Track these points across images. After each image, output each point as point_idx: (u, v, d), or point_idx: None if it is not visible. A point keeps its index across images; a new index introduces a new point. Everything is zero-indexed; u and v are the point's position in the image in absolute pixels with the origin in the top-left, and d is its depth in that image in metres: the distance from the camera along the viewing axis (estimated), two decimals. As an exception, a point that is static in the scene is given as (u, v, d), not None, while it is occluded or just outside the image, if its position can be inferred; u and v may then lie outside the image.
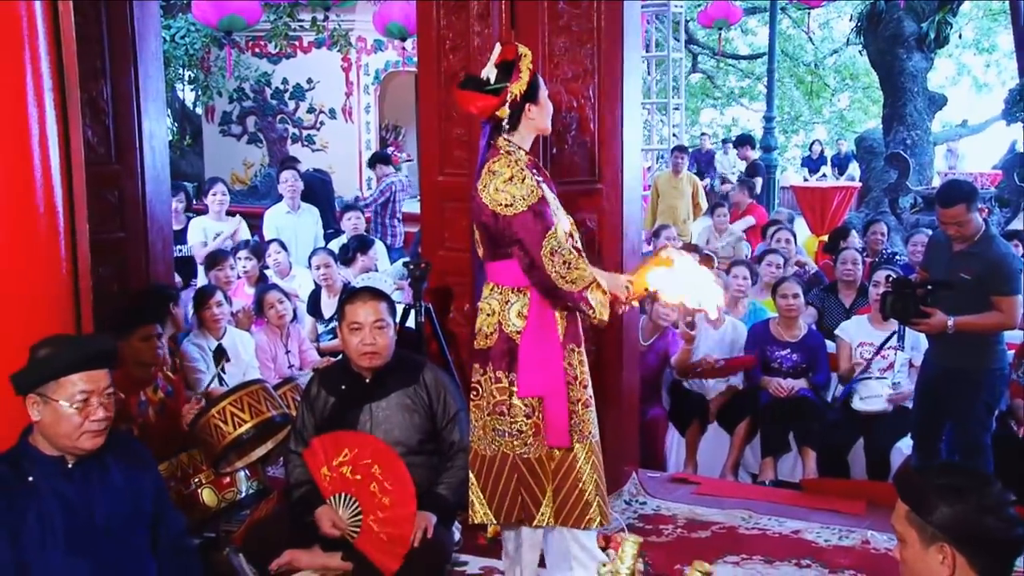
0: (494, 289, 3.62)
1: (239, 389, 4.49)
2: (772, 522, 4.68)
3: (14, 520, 2.77)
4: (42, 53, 3.08)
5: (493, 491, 3.65)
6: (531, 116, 3.59)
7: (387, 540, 3.71)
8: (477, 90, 3.56)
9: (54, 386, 2.79)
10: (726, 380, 6.08)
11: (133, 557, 2.96)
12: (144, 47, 5.39)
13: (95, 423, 2.82)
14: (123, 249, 5.36)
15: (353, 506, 3.78)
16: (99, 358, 2.88)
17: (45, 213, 3.10)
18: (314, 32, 13.62)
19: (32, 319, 3.06)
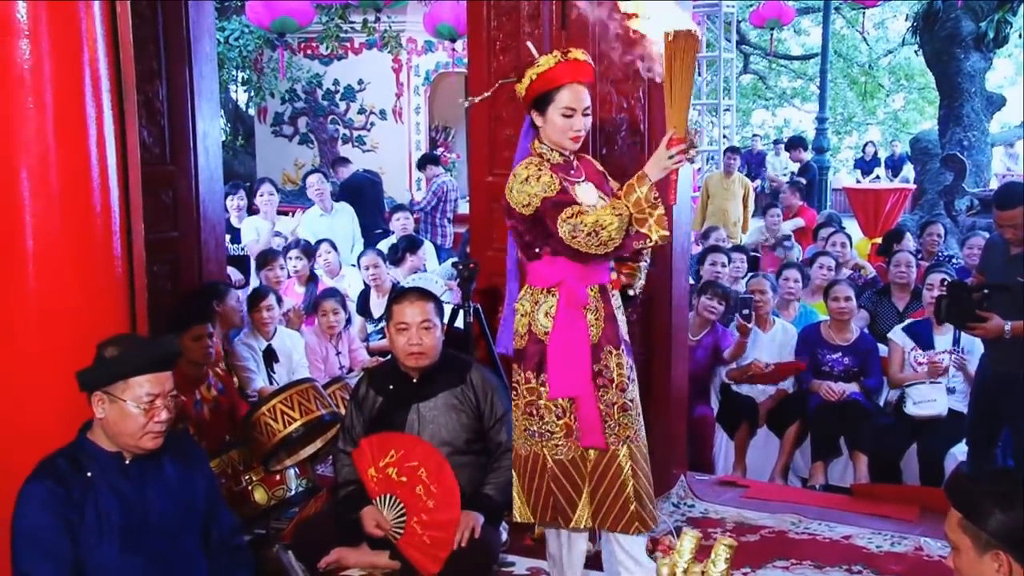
0: (527, 290, 3.62)
1: (289, 387, 4.54)
2: (822, 527, 4.64)
3: (72, 513, 2.82)
4: (100, 54, 3.13)
5: (529, 490, 3.64)
6: (539, 124, 3.57)
7: (429, 543, 3.73)
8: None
9: (122, 386, 2.83)
10: (776, 384, 6.04)
11: (186, 554, 3.00)
12: (199, 49, 5.45)
13: (158, 424, 2.86)
14: (176, 248, 5.43)
15: (398, 507, 3.81)
16: (165, 361, 2.93)
17: (102, 212, 3.14)
18: (365, 33, 13.70)
19: (88, 317, 3.10)
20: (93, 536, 2.83)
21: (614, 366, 3.54)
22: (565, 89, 3.47)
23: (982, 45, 12.91)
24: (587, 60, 3.55)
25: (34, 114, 3.02)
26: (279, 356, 5.92)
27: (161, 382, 2.87)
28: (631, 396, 3.57)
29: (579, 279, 3.51)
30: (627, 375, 3.56)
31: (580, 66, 3.51)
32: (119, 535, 2.85)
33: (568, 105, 3.48)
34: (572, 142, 3.53)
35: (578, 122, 3.49)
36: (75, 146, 3.08)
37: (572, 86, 3.48)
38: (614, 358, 3.54)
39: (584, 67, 3.52)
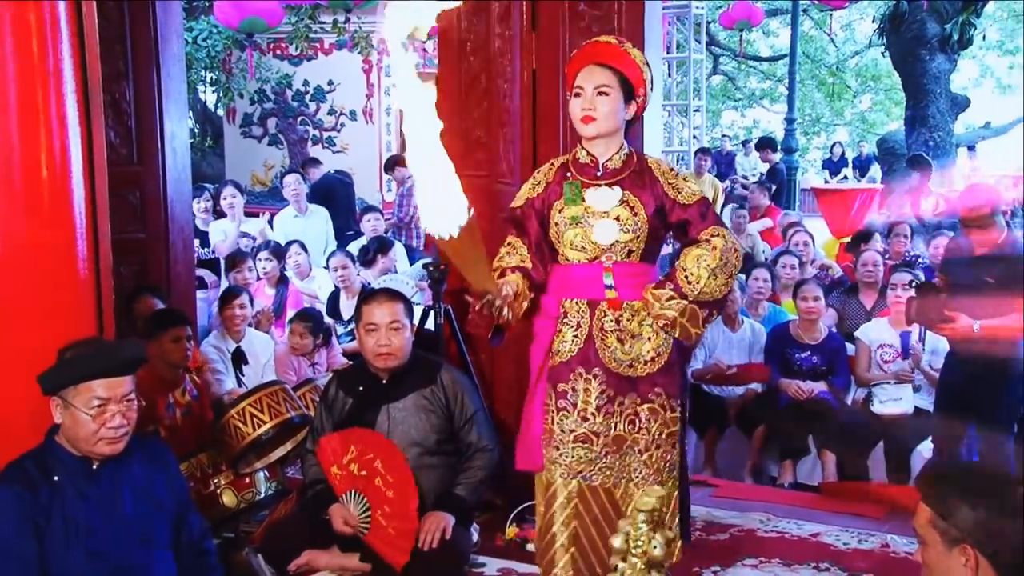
0: None
1: (259, 390, 4.52)
2: (791, 525, 4.66)
3: (40, 517, 2.80)
4: (65, 54, 3.10)
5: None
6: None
7: (395, 534, 3.73)
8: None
9: (73, 391, 2.81)
10: (745, 384, 6.07)
11: (155, 558, 2.98)
12: (166, 49, 5.42)
13: (111, 430, 2.83)
14: (144, 250, 5.40)
15: (362, 502, 3.81)
16: (121, 365, 2.89)
17: (67, 214, 3.12)
18: (335, 34, 13.64)
19: (53, 319, 3.09)
20: (60, 541, 2.81)
21: (581, 391, 3.26)
22: (581, 71, 3.24)
23: (947, 47, 13.06)
24: (611, 41, 3.30)
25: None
26: (248, 358, 5.88)
27: (113, 387, 2.83)
28: (596, 429, 3.23)
29: (557, 289, 3.31)
30: (595, 404, 3.23)
31: (596, 47, 3.28)
32: (86, 539, 2.83)
33: (577, 84, 3.23)
34: (583, 124, 3.22)
35: (587, 101, 3.19)
36: (40, 147, 3.06)
37: (586, 67, 3.23)
38: (583, 382, 3.25)
39: (601, 47, 3.27)
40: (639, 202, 3.22)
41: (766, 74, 25.82)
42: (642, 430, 3.27)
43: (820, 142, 25.99)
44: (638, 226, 3.21)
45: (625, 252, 3.23)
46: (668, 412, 3.30)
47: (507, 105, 4.72)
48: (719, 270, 3.20)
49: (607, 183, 3.25)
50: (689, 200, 3.25)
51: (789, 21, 17.21)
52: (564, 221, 3.26)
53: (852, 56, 24.83)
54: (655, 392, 3.27)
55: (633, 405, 3.26)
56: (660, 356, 3.28)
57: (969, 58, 20.94)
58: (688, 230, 3.27)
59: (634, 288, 3.26)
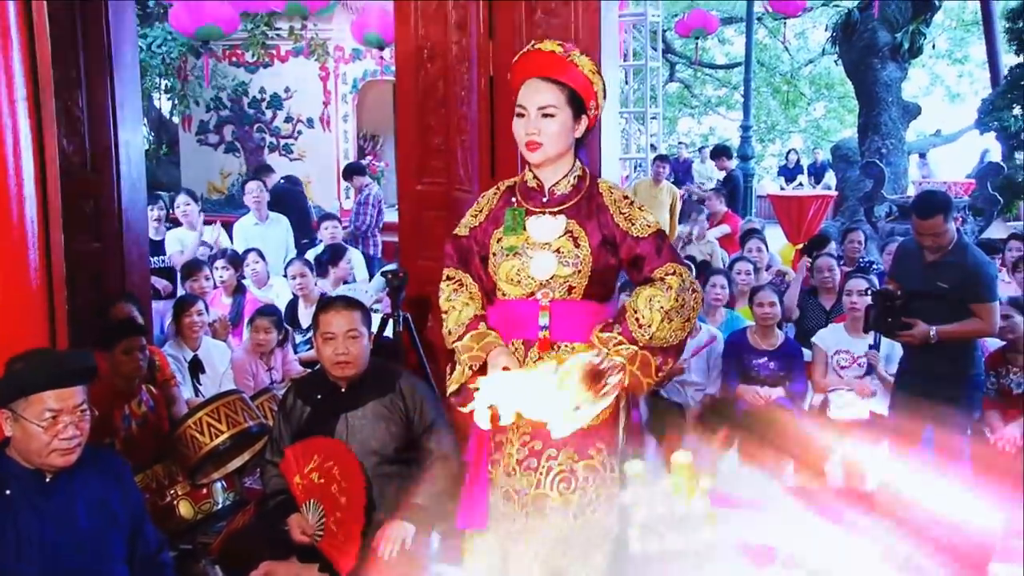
0: None
1: (216, 400, 4.49)
2: (750, 530, 4.68)
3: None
4: (15, 61, 3.06)
5: None
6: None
7: (342, 538, 3.70)
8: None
9: (24, 403, 2.77)
10: (703, 389, 6.10)
11: (110, 572, 2.94)
12: (120, 56, 5.37)
13: (63, 442, 2.79)
14: (98, 259, 5.34)
15: (319, 511, 3.78)
16: (71, 375, 2.85)
17: (18, 224, 3.08)
18: (292, 41, 13.60)
19: (5, 330, 3.04)
20: (12, 555, 2.77)
21: (508, 441, 2.94)
22: (524, 85, 2.89)
23: (898, 55, 13.24)
24: (555, 50, 2.86)
25: (-53, 123, 2.95)
26: (205, 367, 5.83)
27: (64, 398, 2.80)
28: (517, 487, 2.91)
29: (498, 325, 2.97)
30: (516, 459, 2.90)
31: (539, 57, 2.87)
32: (39, 554, 2.79)
33: (519, 103, 2.87)
34: (528, 150, 2.87)
35: (532, 123, 2.84)
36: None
37: (529, 81, 2.87)
38: (512, 433, 2.91)
39: (544, 58, 2.85)
40: (584, 233, 2.88)
41: (722, 81, 26.03)
42: (577, 491, 2.88)
43: (776, 149, 26.26)
44: (580, 260, 2.86)
45: (565, 289, 2.87)
46: (608, 471, 2.93)
47: (465, 112, 4.72)
48: (674, 313, 2.81)
49: (552, 211, 2.91)
50: (643, 232, 2.88)
51: (744, 29, 17.35)
52: (501, 251, 2.93)
53: (806, 64, 25.12)
54: (596, 448, 2.90)
55: (569, 461, 2.87)
56: (603, 408, 2.76)
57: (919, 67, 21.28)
58: (642, 267, 2.89)
59: (575, 330, 2.88)
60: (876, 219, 11.66)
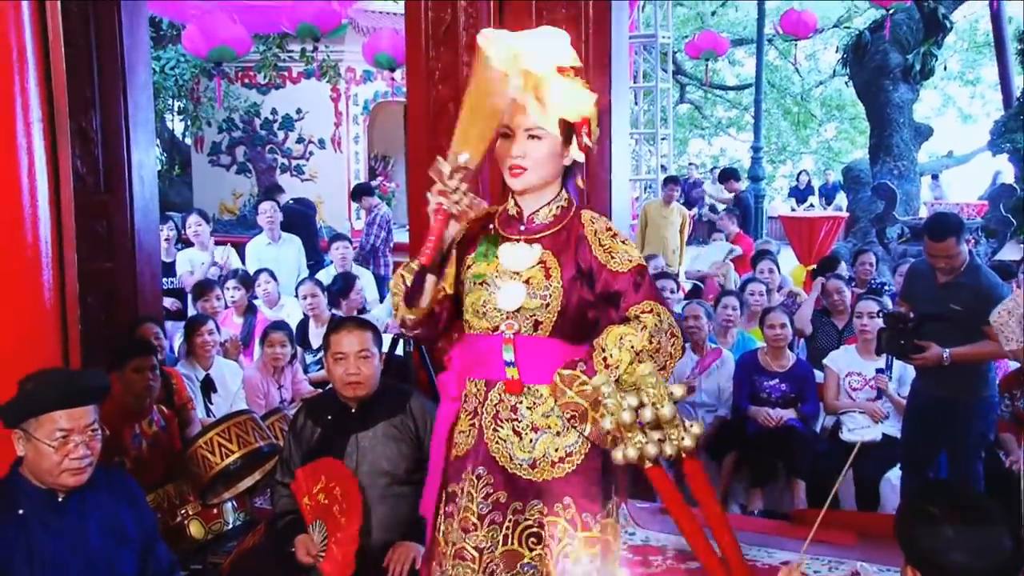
0: None
1: (227, 419, 4.49)
2: (761, 553, 4.66)
3: (3, 551, 2.76)
4: (31, 82, 3.09)
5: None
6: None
7: (340, 558, 3.69)
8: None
9: (35, 423, 2.78)
10: (714, 411, 6.09)
11: (120, 590, 2.94)
12: (134, 78, 5.41)
13: (74, 461, 2.79)
14: (111, 279, 5.37)
15: (323, 531, 3.78)
16: (82, 395, 2.85)
17: (32, 243, 3.10)
18: (303, 63, 13.67)
19: (18, 349, 3.05)
20: (24, 574, 2.77)
21: (465, 493, 2.66)
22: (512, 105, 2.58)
23: (909, 77, 13.22)
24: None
25: (-38, 144, 2.97)
26: (217, 386, 5.84)
27: (76, 418, 2.80)
28: (479, 544, 2.61)
29: (460, 365, 2.76)
30: (477, 513, 2.62)
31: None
32: (52, 573, 2.79)
33: (505, 123, 2.59)
34: (511, 176, 2.63)
35: (518, 146, 2.59)
36: (5, 176, 3.04)
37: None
38: (469, 484, 2.65)
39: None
40: (557, 264, 2.60)
41: (732, 103, 26.07)
42: (546, 549, 2.59)
43: (786, 170, 26.26)
44: (549, 293, 2.58)
45: (531, 324, 2.59)
46: (580, 530, 2.60)
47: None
48: (646, 355, 2.48)
49: (527, 239, 2.65)
50: (622, 267, 2.59)
51: (754, 51, 17.39)
52: (470, 280, 2.68)
53: (817, 85, 25.15)
54: (563, 504, 2.60)
55: (539, 515, 2.60)
56: (571, 457, 2.60)
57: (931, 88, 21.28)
58: (618, 304, 2.59)
59: (543, 370, 2.59)
60: (888, 240, 11.64)
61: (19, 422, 2.79)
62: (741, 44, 21.48)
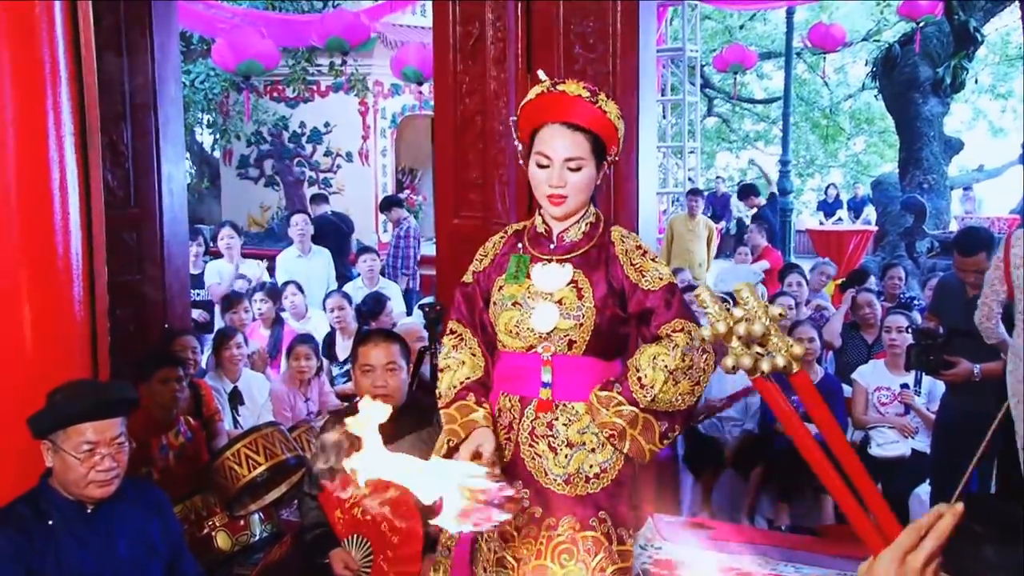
0: None
1: (253, 432, 4.50)
2: (788, 568, 4.63)
3: (34, 561, 2.78)
4: (64, 97, 3.12)
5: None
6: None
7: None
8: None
9: (63, 435, 2.79)
10: (741, 425, 6.06)
11: (147, 600, 2.96)
12: (164, 92, 5.46)
13: (101, 473, 2.81)
14: (141, 291, 5.40)
15: (365, 547, 3.78)
16: (110, 407, 2.87)
17: (63, 256, 3.13)
18: (332, 76, 13.75)
19: (48, 361, 3.08)
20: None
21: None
22: (545, 129, 2.63)
23: (939, 90, 13.15)
24: (582, 94, 2.61)
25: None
26: (245, 398, 5.87)
27: (102, 430, 2.81)
28: (519, 555, 2.67)
29: (496, 381, 2.79)
30: (517, 526, 2.66)
31: (563, 101, 2.61)
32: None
33: (541, 151, 2.62)
34: (552, 204, 2.64)
35: (556, 176, 2.60)
36: (37, 189, 3.07)
37: (552, 127, 2.61)
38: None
39: (570, 102, 2.60)
40: (589, 284, 2.64)
41: (760, 116, 25.98)
42: (580, 563, 2.61)
43: (815, 184, 26.13)
44: (582, 313, 2.62)
45: (565, 343, 2.64)
46: (615, 544, 2.65)
47: (503, 147, 4.75)
48: (680, 374, 2.55)
49: (559, 259, 2.68)
50: (654, 285, 2.64)
51: (782, 64, 17.34)
52: (502, 300, 2.71)
53: (845, 99, 25.02)
54: (599, 518, 2.64)
55: (571, 532, 2.63)
56: (606, 473, 2.66)
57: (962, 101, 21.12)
58: (650, 321, 2.64)
59: (577, 387, 2.65)
60: (918, 254, 11.57)
61: (47, 434, 2.81)
62: (769, 57, 21.41)
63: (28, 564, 2.77)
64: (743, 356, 1.60)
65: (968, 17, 12.90)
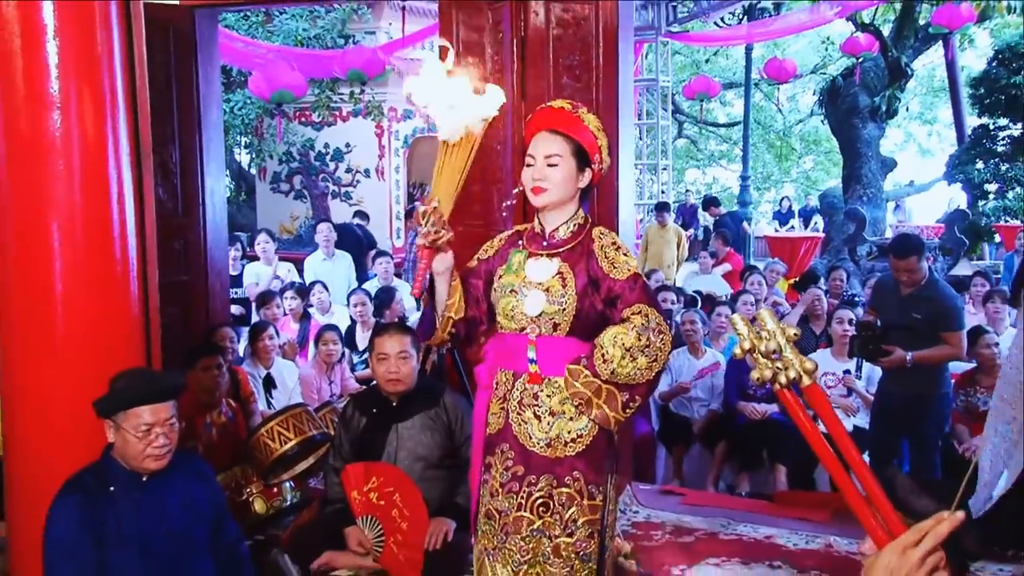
0: None
1: (285, 412, 4.51)
2: (748, 528, 4.65)
3: (98, 523, 2.80)
4: (121, 122, 3.13)
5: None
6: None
7: (404, 560, 3.71)
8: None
9: (123, 416, 2.80)
10: (707, 405, 6.08)
11: (196, 558, 2.96)
12: (207, 117, 5.46)
13: (156, 449, 2.82)
14: (187, 290, 5.41)
15: (377, 528, 3.79)
16: (163, 392, 2.88)
17: (121, 259, 3.13)
18: (352, 103, 13.72)
19: (108, 351, 3.08)
20: (114, 544, 2.80)
21: (494, 465, 2.75)
22: (534, 137, 2.75)
23: (876, 116, 13.22)
24: (564, 107, 2.74)
25: (64, 175, 3.01)
26: (276, 383, 5.88)
27: (158, 413, 2.82)
28: (501, 506, 2.72)
29: (492, 359, 2.84)
30: (500, 482, 2.72)
31: (550, 114, 2.75)
32: (138, 543, 2.82)
33: (529, 153, 2.75)
34: (534, 194, 2.73)
35: (538, 171, 2.70)
36: (98, 202, 3.08)
37: (539, 134, 2.73)
38: (496, 458, 2.75)
39: (555, 114, 2.74)
40: (572, 274, 2.69)
41: (723, 138, 26.00)
42: (555, 515, 2.67)
43: (770, 196, 26.13)
44: (565, 299, 2.67)
45: (550, 325, 2.69)
46: (586, 499, 2.69)
47: (501, 164, 4.76)
48: (637, 351, 2.59)
49: (549, 254, 2.74)
50: (621, 275, 2.69)
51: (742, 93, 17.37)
52: (501, 288, 2.79)
53: (797, 123, 25.08)
54: (572, 476, 2.69)
55: (548, 487, 2.68)
56: (582, 439, 2.69)
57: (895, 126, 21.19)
58: (617, 306, 2.68)
59: (560, 364, 2.70)
60: (858, 258, 11.59)
61: (110, 414, 2.82)
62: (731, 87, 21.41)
63: (93, 525, 2.79)
64: (765, 369, 1.65)
65: (900, 54, 12.98)
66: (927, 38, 13.43)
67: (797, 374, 1.63)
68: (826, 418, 1.62)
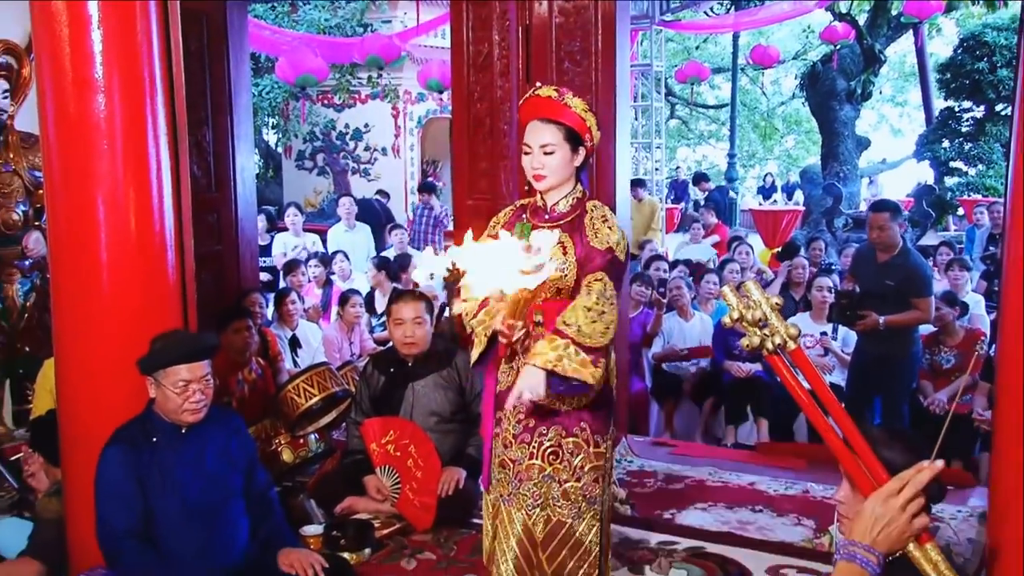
0: None
1: (309, 370, 4.53)
2: (733, 476, 4.66)
3: (142, 471, 2.82)
4: (160, 106, 3.11)
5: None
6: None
7: (419, 506, 3.74)
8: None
9: (163, 373, 2.81)
10: (695, 363, 6.08)
11: (231, 503, 2.98)
12: (238, 100, 5.43)
13: (193, 404, 2.83)
14: (220, 260, 5.41)
15: (394, 476, 3.81)
16: (199, 352, 2.88)
17: (160, 231, 3.12)
18: (370, 87, 13.64)
19: (149, 314, 3.09)
20: (158, 489, 2.83)
21: (506, 418, 2.75)
22: (528, 125, 2.73)
23: (852, 99, 13.16)
24: (551, 95, 2.69)
25: (107, 154, 3.00)
26: (301, 343, 5.89)
27: (194, 371, 2.83)
28: (512, 456, 2.72)
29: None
30: (513, 434, 2.72)
31: (539, 102, 2.70)
32: (180, 489, 2.85)
33: (525, 142, 2.72)
34: (535, 181, 2.72)
35: (536, 159, 2.68)
36: (139, 179, 3.07)
37: (532, 123, 2.71)
38: (511, 414, 2.74)
39: (543, 102, 2.69)
40: (571, 244, 2.69)
41: (712, 118, 25.76)
42: (564, 462, 2.69)
43: (755, 173, 25.93)
44: (566, 266, 2.66)
45: (554, 290, 2.67)
46: (592, 447, 2.71)
47: (507, 142, 4.74)
48: (595, 313, 2.57)
49: (550, 225, 2.72)
50: (599, 245, 2.67)
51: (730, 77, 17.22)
52: None
53: (779, 105, 24.83)
54: (580, 427, 2.70)
55: (557, 437, 2.69)
56: (587, 394, 2.67)
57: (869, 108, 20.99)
58: (585, 268, 2.68)
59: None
60: (835, 229, 11.55)
61: (151, 372, 2.83)
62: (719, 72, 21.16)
63: (138, 473, 2.82)
64: (754, 336, 1.63)
65: (874, 42, 12.90)
66: (899, 27, 13.35)
67: (783, 340, 1.62)
68: (811, 378, 1.62)
